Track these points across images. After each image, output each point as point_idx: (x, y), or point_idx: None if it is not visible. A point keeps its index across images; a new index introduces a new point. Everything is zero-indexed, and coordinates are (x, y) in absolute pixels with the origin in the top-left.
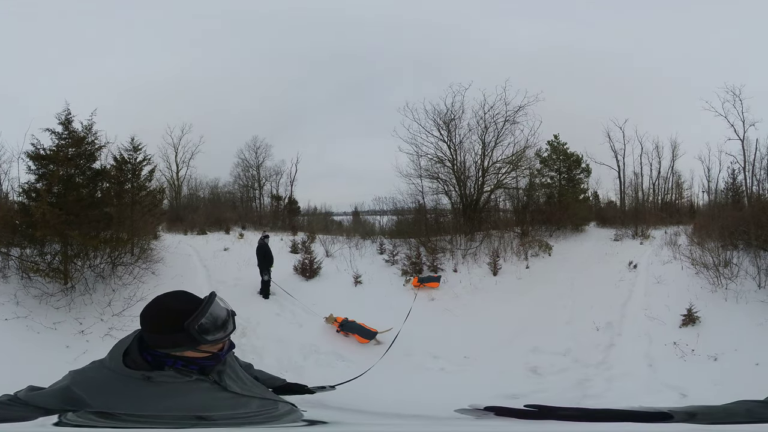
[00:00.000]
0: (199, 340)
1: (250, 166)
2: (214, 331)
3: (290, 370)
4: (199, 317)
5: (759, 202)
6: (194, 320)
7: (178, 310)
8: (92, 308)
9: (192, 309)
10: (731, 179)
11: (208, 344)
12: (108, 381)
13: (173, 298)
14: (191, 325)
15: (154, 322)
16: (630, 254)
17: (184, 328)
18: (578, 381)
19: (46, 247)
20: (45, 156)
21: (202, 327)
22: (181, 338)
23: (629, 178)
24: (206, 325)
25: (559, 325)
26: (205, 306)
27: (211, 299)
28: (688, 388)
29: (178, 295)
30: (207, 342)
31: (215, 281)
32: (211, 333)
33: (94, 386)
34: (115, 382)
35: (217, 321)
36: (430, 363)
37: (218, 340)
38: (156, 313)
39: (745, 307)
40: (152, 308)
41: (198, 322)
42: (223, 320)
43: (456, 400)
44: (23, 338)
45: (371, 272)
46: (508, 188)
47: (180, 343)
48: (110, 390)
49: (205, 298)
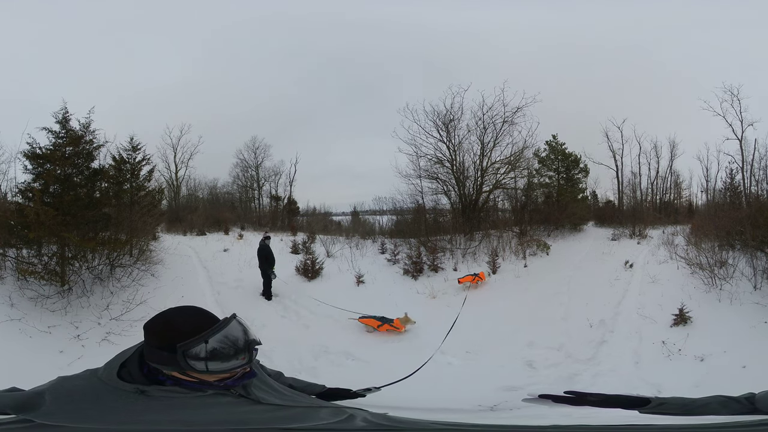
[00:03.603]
0: (183, 367)
1: (249, 166)
2: (211, 361)
3: (303, 371)
4: (192, 344)
5: (757, 202)
6: (187, 345)
7: (177, 330)
8: (89, 311)
9: (192, 332)
10: (729, 179)
11: (197, 373)
12: (94, 392)
13: (181, 313)
14: (181, 349)
15: (151, 334)
16: (627, 254)
17: (176, 349)
18: (569, 375)
19: (43, 249)
20: (41, 155)
21: (192, 354)
22: (167, 358)
23: (627, 178)
24: (198, 353)
25: (554, 321)
26: (210, 332)
27: (220, 326)
28: (666, 386)
29: (189, 312)
30: (194, 370)
31: (216, 283)
32: (202, 363)
33: (74, 395)
34: (104, 393)
35: (222, 352)
36: (438, 357)
37: (210, 372)
38: (156, 325)
39: (738, 309)
40: (155, 319)
41: (190, 348)
42: (228, 354)
43: (470, 393)
44: (15, 342)
45: (373, 272)
46: (506, 188)
47: (166, 362)
48: (93, 401)
49: (218, 322)
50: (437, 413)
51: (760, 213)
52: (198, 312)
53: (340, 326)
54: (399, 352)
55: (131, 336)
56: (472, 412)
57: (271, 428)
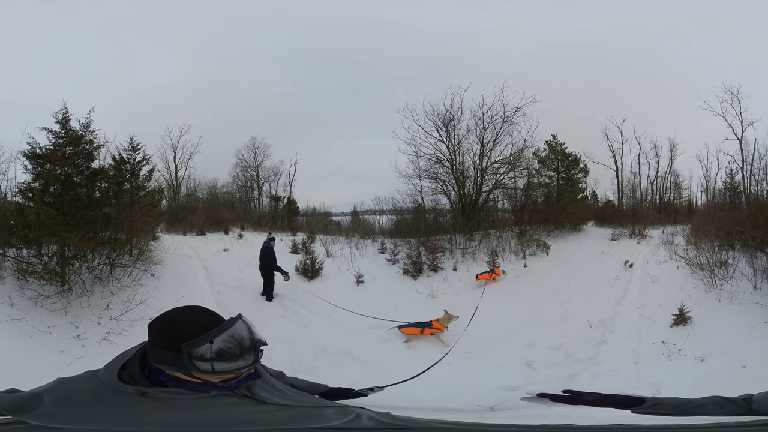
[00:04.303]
0: (188, 367)
1: (249, 166)
2: (217, 362)
3: (302, 371)
4: (198, 344)
5: (756, 202)
6: (192, 345)
7: (182, 329)
8: (89, 311)
9: (197, 332)
10: (729, 179)
11: (202, 374)
12: (94, 393)
13: (186, 313)
14: (185, 349)
15: (155, 333)
16: (627, 253)
17: (180, 349)
18: (568, 375)
19: (43, 249)
20: (41, 155)
21: (196, 354)
22: (171, 358)
23: (627, 178)
24: (203, 353)
25: (554, 321)
26: (215, 332)
27: (225, 326)
28: (666, 387)
29: (195, 312)
30: (199, 371)
31: (216, 283)
32: (207, 363)
33: (74, 396)
34: (104, 394)
35: (227, 352)
36: (438, 356)
37: (215, 373)
38: (160, 325)
39: (739, 309)
40: (160, 319)
41: (194, 348)
42: (234, 354)
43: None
44: (15, 342)
45: (373, 272)
46: (506, 188)
47: (170, 362)
48: (93, 402)
49: (224, 322)
50: (437, 413)
51: (760, 213)
52: (203, 312)
53: (339, 326)
54: (398, 351)
55: (131, 336)
56: (472, 412)
57: (279, 429)
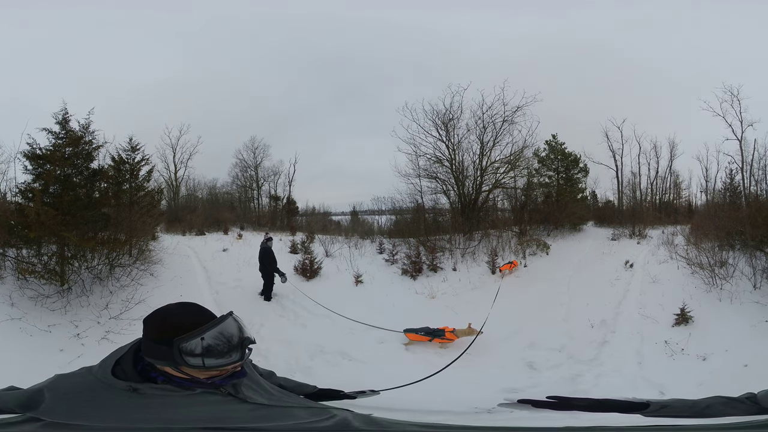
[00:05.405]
0: (177, 362)
1: (248, 166)
2: (206, 357)
3: (299, 371)
4: (189, 338)
5: (756, 202)
6: (183, 339)
7: (174, 324)
8: (89, 311)
9: (190, 327)
10: (729, 179)
11: (191, 369)
12: (89, 389)
13: (180, 309)
14: (177, 343)
15: (149, 327)
16: (627, 253)
17: (172, 343)
18: (571, 376)
19: (43, 248)
20: (41, 155)
21: (186, 349)
22: (162, 352)
23: (627, 178)
24: (193, 348)
25: (555, 322)
26: (206, 328)
27: (216, 322)
28: (670, 386)
29: (188, 308)
30: (188, 366)
31: (215, 282)
32: (197, 358)
33: (71, 393)
34: (99, 391)
35: (215, 348)
36: (436, 360)
37: (205, 368)
38: (155, 319)
39: (739, 308)
40: (155, 313)
41: (185, 343)
42: (222, 351)
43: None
44: (15, 341)
45: (372, 272)
46: (506, 188)
47: (161, 356)
48: (88, 398)
49: (215, 319)
50: (428, 415)
51: (760, 213)
52: (196, 308)
53: (337, 326)
54: (395, 353)
55: (130, 335)
56: (469, 415)
57: (247, 427)
